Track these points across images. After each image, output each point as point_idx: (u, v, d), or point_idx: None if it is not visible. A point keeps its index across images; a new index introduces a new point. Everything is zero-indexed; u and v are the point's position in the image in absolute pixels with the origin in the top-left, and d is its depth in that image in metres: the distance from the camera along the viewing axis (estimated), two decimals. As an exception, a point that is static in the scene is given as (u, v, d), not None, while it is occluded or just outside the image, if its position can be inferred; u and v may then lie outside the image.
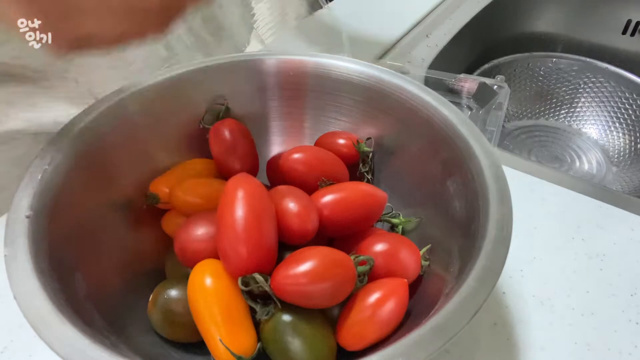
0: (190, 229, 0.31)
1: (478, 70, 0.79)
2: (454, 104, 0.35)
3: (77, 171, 0.32)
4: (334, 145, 0.39)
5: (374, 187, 0.36)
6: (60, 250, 0.29)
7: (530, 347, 0.35)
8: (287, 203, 0.31)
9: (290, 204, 0.31)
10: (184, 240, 0.31)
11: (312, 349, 0.28)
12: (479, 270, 0.26)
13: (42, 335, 0.23)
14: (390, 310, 0.29)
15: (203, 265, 0.30)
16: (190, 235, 0.31)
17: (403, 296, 0.30)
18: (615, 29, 0.78)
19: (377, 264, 0.31)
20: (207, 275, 0.29)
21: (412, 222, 0.37)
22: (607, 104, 0.78)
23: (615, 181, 0.71)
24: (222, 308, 0.28)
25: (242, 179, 0.30)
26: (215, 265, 0.30)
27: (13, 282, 0.25)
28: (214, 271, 0.29)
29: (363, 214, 0.35)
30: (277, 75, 0.40)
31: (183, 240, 0.31)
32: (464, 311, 0.24)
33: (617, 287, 0.39)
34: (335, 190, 0.34)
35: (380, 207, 0.35)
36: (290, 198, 0.32)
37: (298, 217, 0.31)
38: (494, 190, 0.29)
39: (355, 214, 0.34)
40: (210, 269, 0.29)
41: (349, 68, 0.39)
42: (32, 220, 0.28)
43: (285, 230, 0.31)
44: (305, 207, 0.31)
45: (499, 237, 0.27)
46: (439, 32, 0.70)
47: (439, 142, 0.35)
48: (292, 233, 0.31)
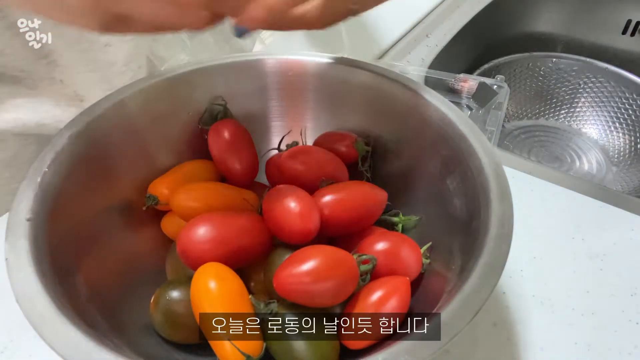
0: (193, 230, 0.31)
1: (478, 70, 0.78)
2: (454, 103, 0.35)
3: (76, 173, 0.32)
4: (333, 144, 0.39)
5: (373, 186, 0.36)
6: (61, 252, 0.29)
7: (530, 347, 0.35)
8: (289, 203, 0.31)
9: (291, 203, 0.31)
10: (186, 242, 0.31)
11: (316, 348, 0.28)
12: (481, 267, 0.26)
13: (46, 338, 0.23)
14: (393, 309, 0.29)
15: (206, 269, 0.30)
16: (192, 237, 0.31)
17: (405, 294, 0.30)
18: (615, 29, 0.78)
19: (378, 263, 0.31)
20: (210, 279, 0.29)
21: (412, 220, 0.37)
22: (607, 104, 0.78)
23: (615, 181, 0.71)
24: (227, 310, 0.28)
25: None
26: (218, 268, 0.30)
27: (15, 285, 0.25)
28: (217, 274, 0.29)
29: (363, 213, 0.35)
30: (277, 75, 0.40)
31: (185, 242, 0.31)
32: (468, 307, 0.24)
33: (617, 287, 0.39)
34: (335, 190, 0.34)
35: (381, 206, 0.35)
36: (292, 198, 0.32)
37: (300, 217, 0.31)
38: (494, 188, 0.30)
39: (355, 213, 0.34)
40: (213, 272, 0.29)
41: (348, 68, 0.39)
42: (33, 223, 0.28)
43: (287, 230, 0.31)
44: (306, 207, 0.31)
45: (501, 234, 0.27)
46: (439, 32, 0.70)
47: (439, 140, 0.35)
48: (293, 233, 0.31)
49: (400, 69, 0.62)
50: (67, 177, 0.31)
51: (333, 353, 0.29)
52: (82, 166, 0.32)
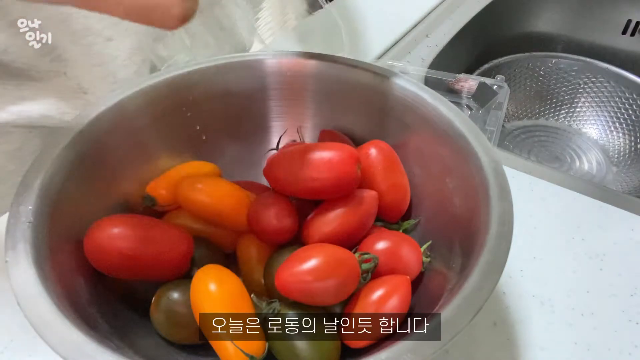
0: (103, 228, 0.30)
1: (478, 70, 0.78)
2: (454, 103, 0.35)
3: (76, 175, 0.32)
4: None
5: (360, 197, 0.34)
6: (61, 255, 0.29)
7: (530, 347, 0.35)
8: (267, 205, 0.34)
9: (270, 206, 0.34)
10: (95, 239, 0.30)
11: (318, 348, 0.28)
12: (482, 265, 0.26)
13: (47, 340, 0.23)
14: (394, 307, 0.29)
15: (205, 271, 0.30)
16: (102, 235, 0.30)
17: (406, 293, 0.30)
18: (615, 29, 0.78)
19: (379, 262, 0.31)
20: (210, 280, 0.29)
21: (410, 223, 0.37)
22: (607, 104, 0.78)
23: (615, 181, 0.71)
24: (227, 310, 0.28)
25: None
26: (218, 270, 0.30)
27: (16, 287, 0.25)
28: (217, 276, 0.29)
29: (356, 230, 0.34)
30: (277, 75, 0.40)
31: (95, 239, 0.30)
32: (470, 305, 0.24)
33: (617, 287, 0.39)
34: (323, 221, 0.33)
35: (372, 212, 0.34)
36: (271, 201, 0.34)
37: (275, 217, 0.33)
38: (494, 186, 0.30)
39: (347, 236, 0.33)
40: (213, 273, 0.29)
41: (347, 68, 0.39)
42: (33, 225, 0.27)
43: (265, 229, 0.33)
44: (282, 209, 0.34)
45: (501, 232, 0.28)
46: (439, 32, 0.70)
47: (438, 139, 0.35)
48: (269, 232, 0.33)
49: (400, 69, 0.62)
50: (67, 179, 0.31)
51: (335, 352, 0.29)
52: (81, 168, 0.32)
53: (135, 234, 0.30)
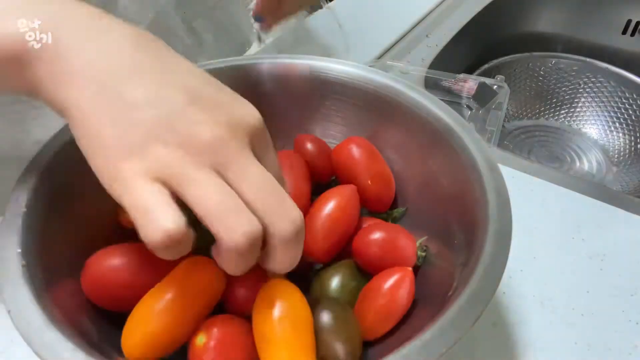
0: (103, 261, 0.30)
1: (478, 70, 0.78)
2: (454, 104, 0.36)
3: (56, 207, 0.30)
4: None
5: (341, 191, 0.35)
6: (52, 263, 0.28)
7: (530, 347, 0.35)
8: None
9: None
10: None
11: (348, 342, 0.29)
12: (485, 261, 0.26)
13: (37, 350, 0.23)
14: (401, 299, 0.30)
15: (270, 288, 0.28)
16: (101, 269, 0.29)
17: (410, 285, 0.31)
18: (615, 29, 0.78)
19: (374, 252, 0.33)
20: (277, 300, 0.27)
21: (399, 212, 0.38)
22: (607, 104, 0.78)
23: (615, 181, 0.71)
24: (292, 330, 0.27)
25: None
26: (285, 286, 0.28)
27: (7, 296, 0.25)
28: (283, 293, 0.28)
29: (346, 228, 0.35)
30: (273, 79, 0.40)
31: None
32: (477, 301, 0.25)
33: (617, 287, 0.39)
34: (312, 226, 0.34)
35: (356, 206, 0.35)
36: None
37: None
38: (481, 160, 0.31)
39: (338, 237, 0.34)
40: (278, 292, 0.28)
41: (344, 70, 0.39)
42: (25, 267, 0.26)
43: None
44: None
45: (500, 202, 0.28)
46: (439, 32, 0.70)
47: (433, 140, 0.35)
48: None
49: (400, 69, 0.62)
50: (47, 213, 0.29)
51: (360, 346, 0.29)
52: (59, 198, 0.31)
53: (134, 263, 0.29)
